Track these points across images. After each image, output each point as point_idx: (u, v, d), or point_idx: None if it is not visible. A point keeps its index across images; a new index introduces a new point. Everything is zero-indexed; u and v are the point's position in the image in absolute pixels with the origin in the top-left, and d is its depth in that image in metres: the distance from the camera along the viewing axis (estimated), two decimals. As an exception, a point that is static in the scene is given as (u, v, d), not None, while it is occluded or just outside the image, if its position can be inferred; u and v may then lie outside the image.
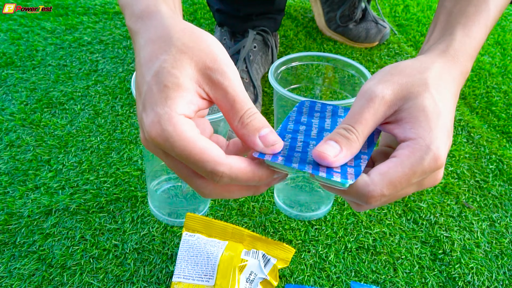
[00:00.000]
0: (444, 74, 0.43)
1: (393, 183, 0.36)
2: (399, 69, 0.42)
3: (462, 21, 0.48)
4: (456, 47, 0.46)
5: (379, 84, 0.40)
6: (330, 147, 0.37)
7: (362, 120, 0.38)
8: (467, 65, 0.46)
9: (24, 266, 0.63)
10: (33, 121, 0.85)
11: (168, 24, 0.40)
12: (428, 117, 0.38)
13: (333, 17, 1.20)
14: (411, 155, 0.37)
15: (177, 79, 0.36)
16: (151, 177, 0.70)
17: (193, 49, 0.38)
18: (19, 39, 1.06)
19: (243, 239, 0.64)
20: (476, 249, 0.72)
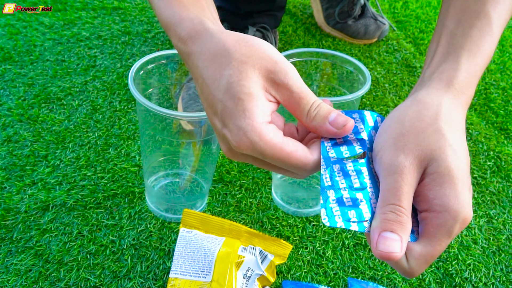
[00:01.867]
0: (453, 112, 0.41)
1: (428, 261, 0.37)
2: (408, 125, 0.40)
3: (466, 47, 0.46)
4: (461, 79, 0.44)
5: (399, 153, 0.38)
6: (391, 241, 0.35)
7: (403, 196, 0.37)
8: (472, 93, 0.45)
9: (21, 261, 0.62)
10: (31, 116, 0.85)
11: (220, 39, 0.41)
12: (453, 181, 0.37)
13: (332, 14, 1.19)
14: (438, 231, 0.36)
15: (247, 89, 0.38)
16: (148, 173, 0.70)
17: (252, 57, 0.39)
18: (17, 34, 1.06)
19: (240, 235, 0.64)
20: (473, 245, 0.72)
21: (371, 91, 1.01)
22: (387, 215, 0.36)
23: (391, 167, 0.38)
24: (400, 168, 0.37)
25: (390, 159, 0.38)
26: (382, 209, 0.37)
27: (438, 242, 0.36)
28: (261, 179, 0.78)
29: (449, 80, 0.44)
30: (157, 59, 0.63)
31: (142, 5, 1.23)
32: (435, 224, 0.37)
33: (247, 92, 0.38)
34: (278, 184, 0.74)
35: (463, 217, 0.36)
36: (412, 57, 1.15)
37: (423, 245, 0.37)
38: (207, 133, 0.63)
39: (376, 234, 0.36)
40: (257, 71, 0.39)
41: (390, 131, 0.40)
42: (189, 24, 0.43)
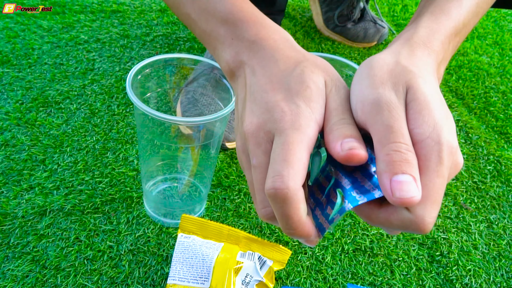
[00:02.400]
0: (415, 59, 0.41)
1: (434, 199, 0.33)
2: (374, 72, 0.39)
3: (429, 10, 0.46)
4: (420, 34, 0.44)
5: (377, 89, 0.37)
6: (407, 185, 0.32)
7: (401, 131, 0.34)
8: (439, 52, 0.44)
9: (17, 267, 0.62)
10: (29, 120, 0.84)
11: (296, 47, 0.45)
12: (429, 107, 0.35)
13: (331, 17, 1.19)
14: (429, 163, 0.34)
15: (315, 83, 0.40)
16: (146, 177, 0.70)
17: (323, 66, 0.42)
18: (15, 37, 1.06)
19: (239, 241, 0.63)
20: (473, 251, 0.71)
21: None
22: (392, 156, 0.33)
23: (378, 103, 0.36)
24: (388, 101, 0.36)
25: (373, 96, 0.37)
26: (383, 151, 0.34)
27: (434, 174, 0.33)
28: (260, 183, 0.78)
29: (407, 38, 0.44)
30: (156, 63, 0.62)
31: (141, 8, 1.23)
32: (422, 155, 0.34)
33: (316, 83, 0.39)
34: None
35: (446, 142, 0.34)
36: (411, 60, 1.14)
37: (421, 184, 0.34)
38: (206, 137, 0.63)
39: (387, 181, 0.33)
40: (325, 74, 0.41)
41: (361, 79, 0.39)
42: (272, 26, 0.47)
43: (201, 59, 0.64)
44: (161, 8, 1.24)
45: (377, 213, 0.35)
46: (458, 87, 1.08)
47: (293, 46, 0.44)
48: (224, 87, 0.64)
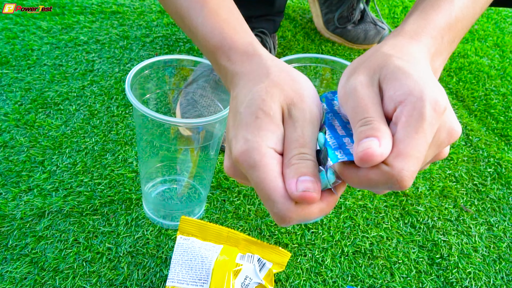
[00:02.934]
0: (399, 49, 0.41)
1: (412, 155, 0.34)
2: (356, 63, 0.41)
3: (420, 7, 0.47)
4: (408, 29, 0.44)
5: (349, 79, 0.38)
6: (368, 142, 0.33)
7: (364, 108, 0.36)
8: (430, 44, 0.44)
9: (16, 269, 0.62)
10: (28, 121, 0.84)
11: (266, 64, 0.43)
12: (406, 72, 0.36)
13: (331, 18, 1.19)
14: (410, 119, 0.34)
15: (267, 109, 0.39)
16: (146, 179, 0.70)
17: (285, 85, 0.40)
18: (15, 38, 1.05)
19: (238, 243, 0.63)
20: (474, 253, 0.71)
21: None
22: (360, 129, 0.35)
23: (346, 94, 0.38)
24: (353, 88, 0.37)
25: (342, 89, 0.38)
26: (356, 129, 0.35)
27: (413, 129, 0.33)
28: (260, 185, 0.77)
29: (395, 33, 0.44)
30: (155, 64, 0.62)
31: (140, 9, 1.22)
32: (404, 113, 0.34)
33: (266, 112, 0.38)
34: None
35: (430, 97, 0.34)
36: (411, 62, 1.14)
37: (400, 139, 0.34)
38: (205, 139, 0.62)
39: (356, 147, 0.34)
40: (283, 96, 0.39)
41: (343, 74, 0.40)
42: (241, 48, 0.46)
43: (200, 60, 0.64)
44: (161, 10, 1.24)
45: (357, 171, 0.36)
46: (459, 89, 1.08)
47: (259, 63, 0.44)
48: (224, 89, 0.64)
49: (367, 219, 0.74)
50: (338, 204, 0.76)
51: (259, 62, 0.44)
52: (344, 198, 0.77)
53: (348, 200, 0.77)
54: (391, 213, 0.76)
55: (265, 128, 0.38)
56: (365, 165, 0.33)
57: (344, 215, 0.74)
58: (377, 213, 0.75)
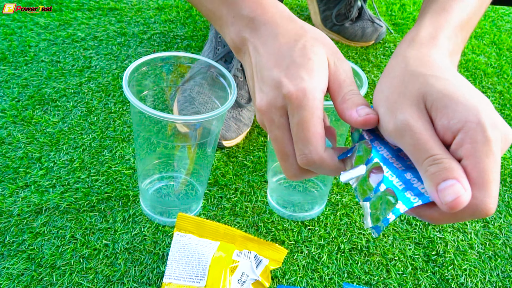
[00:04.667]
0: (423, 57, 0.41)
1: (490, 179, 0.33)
2: (387, 89, 0.40)
3: (431, 10, 0.47)
4: (423, 34, 0.45)
5: (394, 113, 0.38)
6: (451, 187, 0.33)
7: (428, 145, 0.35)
8: (447, 45, 0.44)
9: (13, 265, 0.62)
10: (25, 118, 0.84)
11: (295, 18, 0.46)
12: (452, 97, 0.35)
13: (329, 16, 1.19)
14: (475, 145, 0.33)
15: (319, 55, 0.42)
16: (143, 176, 0.70)
17: (323, 39, 0.44)
18: (12, 35, 1.05)
19: (235, 240, 0.63)
20: (469, 250, 0.71)
21: (368, 94, 1.00)
22: (429, 170, 0.34)
23: (398, 130, 0.37)
24: (405, 123, 0.36)
25: (392, 124, 0.38)
26: (421, 170, 0.35)
27: (483, 154, 0.33)
28: (257, 182, 0.78)
29: (411, 38, 0.45)
30: (153, 61, 0.62)
31: (138, 6, 1.22)
32: (468, 140, 0.34)
33: (318, 56, 0.42)
34: (274, 188, 0.74)
35: (486, 116, 0.34)
36: (409, 60, 1.14)
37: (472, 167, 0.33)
38: (202, 136, 0.63)
39: (434, 192, 0.33)
40: (326, 48, 0.43)
41: (378, 105, 0.41)
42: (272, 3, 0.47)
43: (198, 57, 0.64)
44: (159, 6, 1.24)
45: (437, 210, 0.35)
46: (455, 86, 1.08)
47: (291, 19, 0.46)
48: (221, 86, 0.64)
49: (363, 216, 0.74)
50: (335, 201, 0.76)
51: (285, 11, 0.47)
52: (340, 195, 0.77)
53: (345, 197, 0.77)
54: (388, 210, 0.76)
55: (318, 71, 0.41)
56: (454, 211, 0.33)
57: (340, 212, 0.74)
58: (373, 210, 0.75)
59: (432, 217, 0.36)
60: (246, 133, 0.86)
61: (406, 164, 0.38)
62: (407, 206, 0.34)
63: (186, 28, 1.15)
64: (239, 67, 0.88)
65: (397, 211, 0.35)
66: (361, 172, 0.39)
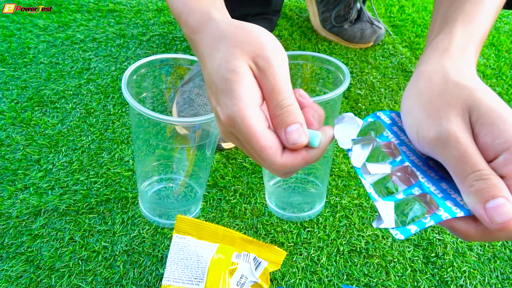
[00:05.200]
0: (461, 69, 0.41)
1: None
2: (427, 95, 0.39)
3: (460, 19, 0.47)
4: (457, 43, 0.44)
5: (438, 121, 0.36)
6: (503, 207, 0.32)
7: (474, 160, 0.34)
8: (473, 54, 0.44)
9: (11, 267, 0.62)
10: (24, 119, 0.84)
11: (221, 27, 0.44)
12: (500, 115, 0.35)
13: (328, 17, 1.19)
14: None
15: (234, 68, 0.40)
16: (142, 178, 0.70)
17: (243, 42, 0.41)
18: (11, 36, 1.05)
19: (234, 242, 0.63)
20: (468, 252, 0.71)
21: (367, 96, 1.01)
22: (476, 186, 0.33)
23: (441, 139, 0.35)
24: (451, 134, 0.35)
25: (433, 132, 0.36)
26: (466, 184, 0.33)
27: None
28: (256, 184, 0.78)
29: (445, 47, 0.44)
30: (152, 62, 0.62)
31: (137, 7, 1.22)
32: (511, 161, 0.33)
33: (234, 71, 0.40)
34: (272, 191, 0.74)
35: None
36: (408, 61, 1.14)
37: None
38: (201, 138, 0.63)
39: (482, 210, 0.32)
40: (245, 53, 0.40)
41: (414, 109, 0.39)
42: (198, 15, 0.47)
43: (197, 59, 0.64)
44: (158, 8, 1.24)
45: (476, 226, 0.35)
46: (454, 88, 1.08)
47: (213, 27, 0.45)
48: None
49: (363, 218, 0.74)
50: (334, 203, 0.76)
51: (213, 26, 0.45)
52: (340, 197, 0.77)
53: (344, 199, 0.77)
54: (387, 212, 0.76)
55: (237, 87, 0.39)
56: (502, 232, 0.33)
57: (340, 214, 0.74)
58: (372, 212, 0.75)
59: (467, 234, 0.35)
60: (245, 135, 0.86)
61: (438, 174, 0.37)
62: (450, 215, 0.34)
63: (185, 29, 1.15)
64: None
65: (439, 218, 0.34)
66: (386, 171, 0.38)
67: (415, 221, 0.35)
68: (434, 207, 0.35)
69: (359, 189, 0.79)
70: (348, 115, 0.42)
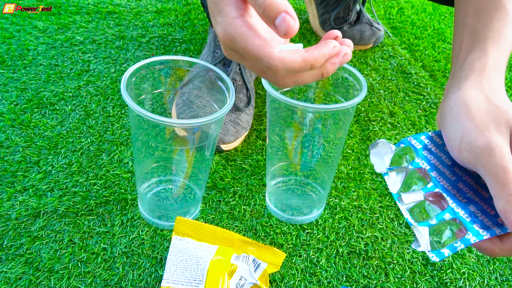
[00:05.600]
0: (497, 90, 0.44)
1: None
2: (474, 112, 0.42)
3: (490, 36, 0.49)
4: (491, 63, 0.47)
5: (485, 132, 0.40)
6: None
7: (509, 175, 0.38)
8: (503, 74, 0.48)
9: (11, 269, 0.62)
10: (23, 121, 0.84)
11: None
12: None
13: (327, 19, 1.19)
14: None
15: None
16: (141, 179, 0.70)
17: None
18: (10, 38, 1.05)
19: (233, 243, 0.63)
20: (468, 254, 0.71)
21: (366, 98, 1.01)
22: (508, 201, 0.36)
23: (489, 148, 0.38)
24: (498, 147, 0.38)
25: (482, 141, 0.39)
26: (505, 192, 0.37)
27: None
28: (255, 185, 0.78)
29: (482, 67, 0.47)
30: (151, 64, 0.62)
31: (137, 9, 1.22)
32: None
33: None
34: (272, 191, 0.74)
35: None
36: (407, 63, 1.15)
37: None
38: (201, 139, 0.63)
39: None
40: None
41: (462, 118, 0.42)
42: None
43: (196, 61, 0.64)
44: (157, 10, 1.24)
45: (501, 245, 0.39)
46: (454, 90, 1.08)
47: None
48: (219, 89, 0.64)
49: (362, 219, 0.74)
50: (333, 205, 0.76)
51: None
52: (339, 198, 0.77)
53: (343, 201, 0.77)
54: (386, 213, 0.76)
55: (222, 6, 0.41)
56: None
57: (339, 215, 0.74)
58: (372, 213, 0.75)
59: (492, 252, 0.39)
60: (245, 136, 0.86)
61: (467, 196, 0.41)
62: (478, 238, 0.37)
63: (184, 31, 1.16)
64: (238, 70, 0.88)
65: (468, 242, 0.38)
66: (419, 198, 0.41)
67: (448, 245, 0.39)
68: (464, 231, 0.38)
69: (358, 191, 0.79)
70: (381, 141, 0.45)
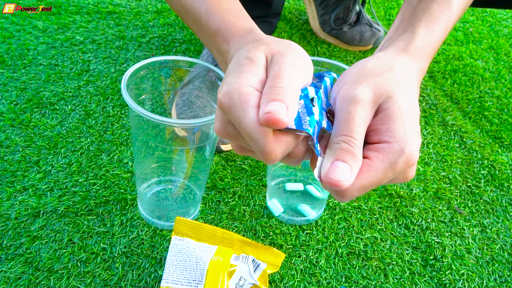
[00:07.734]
0: (407, 70, 0.43)
1: (364, 187, 0.38)
2: (367, 69, 0.42)
3: (424, 19, 0.49)
4: (417, 46, 0.47)
5: (357, 86, 0.40)
6: (342, 171, 0.36)
7: (356, 128, 0.38)
8: (426, 63, 0.47)
9: (10, 269, 0.62)
10: (23, 121, 0.84)
11: (261, 35, 0.46)
12: (403, 119, 0.39)
13: (327, 20, 1.19)
14: (385, 159, 0.38)
15: (252, 57, 0.40)
16: (141, 179, 0.70)
17: (273, 42, 0.42)
18: (10, 38, 1.05)
19: (233, 244, 0.63)
20: (467, 255, 0.71)
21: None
22: (341, 145, 0.37)
23: (347, 98, 0.39)
24: (356, 99, 0.39)
25: (347, 91, 0.40)
26: (336, 139, 0.38)
27: (380, 170, 0.38)
28: (255, 186, 0.78)
29: (405, 46, 0.47)
30: (151, 64, 0.62)
31: (137, 9, 1.22)
32: (383, 153, 0.38)
33: (249, 58, 0.40)
34: (273, 192, 0.74)
35: (409, 152, 0.38)
36: (407, 64, 1.14)
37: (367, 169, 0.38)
38: (201, 140, 0.63)
39: (329, 163, 0.37)
40: (267, 49, 0.41)
41: (350, 74, 0.42)
42: (241, 32, 0.48)
43: (196, 61, 0.64)
44: (157, 10, 1.24)
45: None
46: (453, 91, 1.09)
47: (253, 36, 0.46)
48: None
49: (362, 220, 0.74)
50: (333, 206, 0.76)
51: (253, 36, 0.46)
52: (338, 199, 0.77)
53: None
54: (385, 214, 0.76)
55: (246, 71, 0.39)
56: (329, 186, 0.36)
57: (338, 216, 0.74)
58: (371, 214, 0.76)
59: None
60: (244, 137, 0.86)
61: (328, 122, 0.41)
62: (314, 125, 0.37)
63: (184, 31, 1.16)
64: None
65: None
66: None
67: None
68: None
69: (358, 192, 0.79)
70: None
